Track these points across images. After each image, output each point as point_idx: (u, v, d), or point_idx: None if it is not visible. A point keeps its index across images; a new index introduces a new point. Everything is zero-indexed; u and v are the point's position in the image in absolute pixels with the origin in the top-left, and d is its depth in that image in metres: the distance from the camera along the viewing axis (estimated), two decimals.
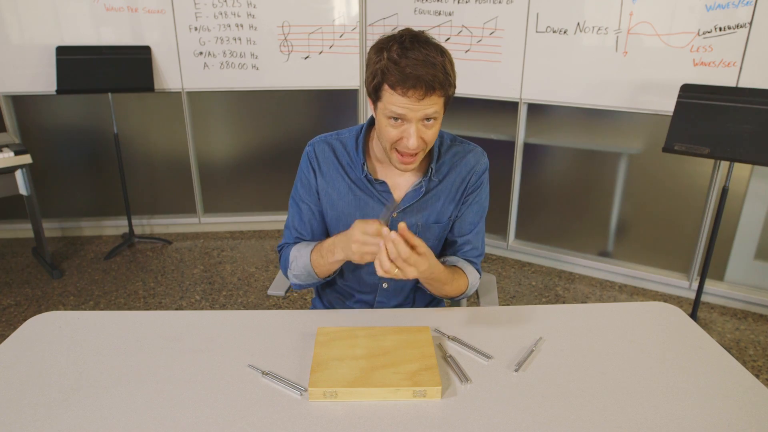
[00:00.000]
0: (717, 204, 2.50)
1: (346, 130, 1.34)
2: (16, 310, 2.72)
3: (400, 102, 1.09)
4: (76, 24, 3.09)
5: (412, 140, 1.11)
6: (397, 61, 1.07)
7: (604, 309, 1.29)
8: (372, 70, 1.12)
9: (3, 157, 2.72)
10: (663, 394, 0.98)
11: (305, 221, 1.35)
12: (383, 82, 1.10)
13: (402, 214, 1.30)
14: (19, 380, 1.01)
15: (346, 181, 1.30)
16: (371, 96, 1.16)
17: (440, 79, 1.07)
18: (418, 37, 1.10)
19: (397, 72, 1.07)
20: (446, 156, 1.31)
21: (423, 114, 1.10)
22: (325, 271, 1.27)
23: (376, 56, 1.12)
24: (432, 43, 1.11)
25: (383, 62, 1.09)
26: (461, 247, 1.37)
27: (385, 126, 1.14)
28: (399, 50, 1.08)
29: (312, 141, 1.34)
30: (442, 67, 1.08)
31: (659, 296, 2.92)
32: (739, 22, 2.36)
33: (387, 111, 1.12)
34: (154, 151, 3.53)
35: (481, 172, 1.33)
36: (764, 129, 2.08)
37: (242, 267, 3.18)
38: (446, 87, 1.10)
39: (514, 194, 3.22)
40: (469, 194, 1.33)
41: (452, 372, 1.04)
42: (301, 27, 3.26)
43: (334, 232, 1.35)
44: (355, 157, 1.29)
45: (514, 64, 2.93)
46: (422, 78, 1.05)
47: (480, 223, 1.37)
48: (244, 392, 0.98)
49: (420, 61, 1.06)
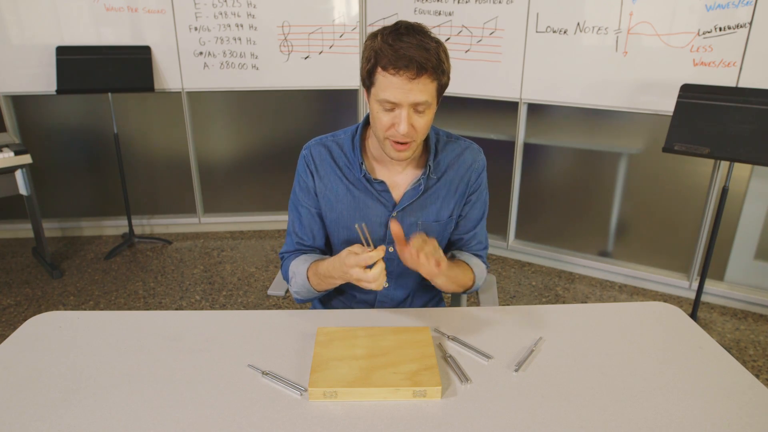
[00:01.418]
0: (717, 204, 2.50)
1: (341, 131, 1.34)
2: (16, 310, 2.72)
3: (391, 84, 1.09)
4: (76, 24, 3.09)
5: (403, 125, 1.11)
6: (392, 44, 1.08)
7: (604, 309, 1.29)
8: (366, 55, 1.13)
9: (3, 157, 2.72)
10: (663, 394, 0.98)
11: (305, 225, 1.34)
12: (376, 65, 1.10)
13: (401, 213, 1.30)
14: (19, 380, 1.01)
15: (344, 182, 1.30)
16: (365, 83, 1.17)
17: (433, 63, 1.08)
18: (413, 26, 1.11)
19: (391, 52, 1.07)
20: (443, 153, 1.31)
21: (414, 99, 1.10)
22: (324, 289, 1.28)
23: (371, 41, 1.13)
24: (427, 32, 1.12)
25: (377, 44, 1.10)
26: (468, 242, 1.41)
27: (377, 112, 1.15)
28: (394, 35, 1.09)
29: (308, 144, 1.33)
30: (435, 53, 1.09)
31: (659, 296, 2.92)
32: (739, 22, 2.36)
33: (379, 96, 1.12)
34: (154, 151, 3.53)
35: (480, 170, 1.34)
36: (764, 129, 2.08)
37: (242, 267, 3.18)
38: (438, 73, 1.10)
39: (514, 194, 3.22)
40: (471, 194, 1.35)
41: (452, 372, 1.04)
42: (301, 27, 3.26)
43: (333, 234, 1.35)
44: (353, 158, 1.29)
45: (514, 64, 2.93)
46: (414, 59, 1.06)
47: (484, 218, 1.41)
48: (244, 392, 0.98)
49: (413, 45, 1.07)
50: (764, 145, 2.07)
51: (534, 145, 3.13)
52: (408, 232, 1.31)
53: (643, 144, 2.87)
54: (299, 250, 1.36)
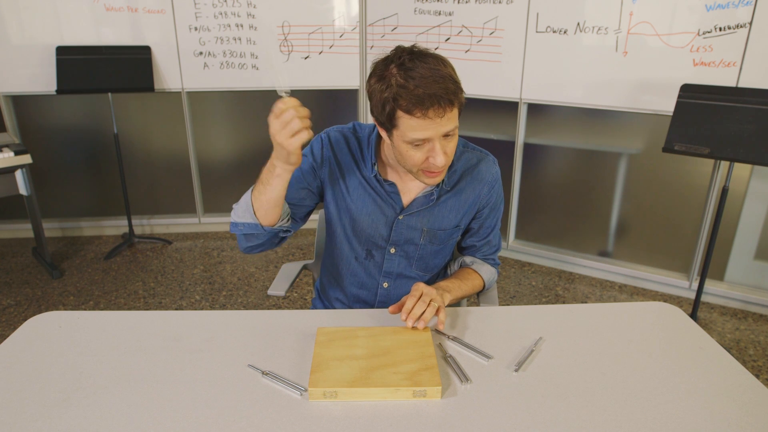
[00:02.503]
0: (717, 204, 2.50)
1: (361, 127, 1.32)
2: (16, 310, 2.72)
3: (420, 125, 1.05)
4: (76, 24, 3.09)
5: (440, 158, 1.09)
6: (405, 85, 1.03)
7: (604, 309, 1.29)
8: (379, 100, 1.08)
9: (3, 157, 2.72)
10: (663, 394, 0.98)
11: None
12: (396, 109, 1.05)
13: (407, 218, 1.30)
14: (19, 380, 1.01)
15: (357, 175, 1.29)
16: (384, 125, 1.11)
17: (452, 90, 1.04)
18: (414, 53, 1.07)
19: (409, 95, 1.03)
20: (458, 163, 1.31)
21: (444, 131, 1.08)
22: (266, 202, 1.15)
23: (380, 84, 1.07)
24: (431, 55, 1.07)
25: (391, 89, 1.05)
26: (480, 248, 1.43)
27: (407, 151, 1.11)
28: (402, 73, 1.04)
29: (327, 130, 1.32)
30: (450, 78, 1.05)
31: (659, 296, 2.92)
32: (739, 22, 2.36)
33: (407, 137, 1.08)
34: (154, 151, 3.53)
35: (492, 183, 1.34)
36: (764, 129, 2.08)
37: (242, 267, 3.18)
38: (459, 96, 1.07)
39: (514, 194, 3.22)
40: (483, 208, 1.36)
41: (452, 372, 1.04)
42: (301, 27, 3.26)
43: (337, 223, 1.34)
44: (367, 155, 1.28)
45: (514, 64, 2.93)
46: (437, 95, 1.02)
47: (498, 224, 1.42)
48: (244, 392, 0.98)
49: (428, 78, 1.02)
50: (764, 145, 2.07)
51: (534, 145, 3.13)
52: (412, 236, 1.32)
53: (643, 144, 2.87)
54: None
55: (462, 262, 1.43)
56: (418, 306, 1.12)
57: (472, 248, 1.43)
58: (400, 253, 1.35)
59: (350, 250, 1.36)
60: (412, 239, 1.33)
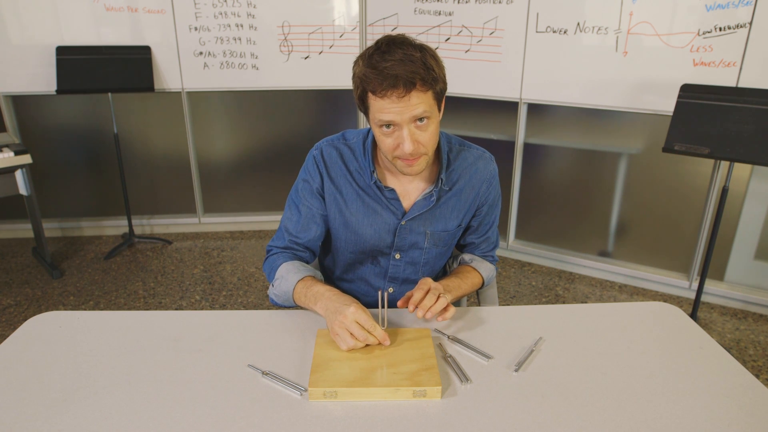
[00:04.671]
0: (717, 204, 2.50)
1: (352, 133, 1.31)
2: (16, 310, 2.72)
3: (384, 106, 1.07)
4: (76, 24, 3.09)
5: (407, 144, 1.09)
6: (375, 66, 1.05)
7: (604, 309, 1.29)
8: (354, 82, 1.11)
9: (3, 157, 2.72)
10: (663, 394, 0.98)
11: (302, 225, 1.30)
12: (366, 91, 1.08)
13: (410, 222, 1.30)
14: (19, 380, 1.01)
15: (354, 187, 1.28)
16: (361, 109, 1.15)
17: (421, 74, 1.04)
18: (394, 40, 1.08)
19: (375, 75, 1.05)
20: (455, 163, 1.30)
21: (411, 115, 1.07)
22: (302, 305, 1.23)
23: (356, 67, 1.11)
24: (410, 43, 1.08)
25: (361, 69, 1.08)
26: (479, 245, 1.43)
27: (380, 136, 1.13)
28: (376, 55, 1.06)
29: (318, 144, 1.30)
30: (421, 63, 1.05)
31: (659, 296, 2.92)
32: (739, 22, 2.36)
33: (376, 119, 1.10)
34: (154, 151, 3.53)
35: (490, 180, 1.34)
36: (764, 129, 2.08)
37: (242, 267, 3.18)
38: (429, 82, 1.06)
39: (514, 194, 3.22)
40: (482, 205, 1.35)
41: (452, 372, 1.04)
42: (301, 27, 3.26)
43: (340, 238, 1.33)
44: (364, 164, 1.27)
45: (514, 64, 2.93)
46: (400, 76, 1.03)
47: (496, 221, 1.43)
48: (244, 392, 0.98)
49: (397, 61, 1.04)
50: (764, 145, 2.07)
51: (534, 145, 3.13)
52: (417, 240, 1.32)
53: (643, 144, 2.87)
54: (290, 248, 1.33)
55: (461, 259, 1.43)
56: (428, 298, 1.12)
57: (470, 245, 1.43)
58: (405, 258, 1.34)
59: (354, 258, 1.36)
60: (416, 243, 1.32)
